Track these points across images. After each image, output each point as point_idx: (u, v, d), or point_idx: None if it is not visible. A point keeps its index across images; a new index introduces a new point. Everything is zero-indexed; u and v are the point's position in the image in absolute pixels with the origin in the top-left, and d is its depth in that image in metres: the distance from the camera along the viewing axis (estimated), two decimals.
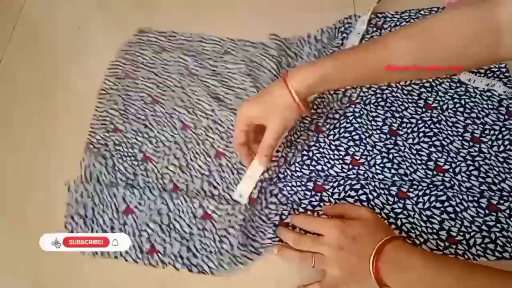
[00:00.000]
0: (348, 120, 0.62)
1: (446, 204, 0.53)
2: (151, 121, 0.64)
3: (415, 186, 0.55)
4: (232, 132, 0.61)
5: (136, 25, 0.76)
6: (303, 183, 0.57)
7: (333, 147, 0.60)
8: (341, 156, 0.59)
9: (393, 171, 0.57)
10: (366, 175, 0.57)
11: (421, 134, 0.59)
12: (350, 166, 0.58)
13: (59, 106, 0.68)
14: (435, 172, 0.56)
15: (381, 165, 0.58)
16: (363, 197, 0.54)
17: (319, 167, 0.59)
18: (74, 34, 0.76)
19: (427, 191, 0.54)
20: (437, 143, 0.58)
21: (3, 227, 0.58)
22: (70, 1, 0.81)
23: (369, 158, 0.58)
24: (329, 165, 0.58)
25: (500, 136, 0.58)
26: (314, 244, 0.50)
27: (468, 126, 0.59)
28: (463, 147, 0.58)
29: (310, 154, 0.60)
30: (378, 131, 0.60)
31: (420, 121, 0.60)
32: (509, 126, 0.59)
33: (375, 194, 0.54)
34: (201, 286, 0.53)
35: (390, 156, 0.58)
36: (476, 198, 0.53)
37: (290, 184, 0.57)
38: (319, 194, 0.56)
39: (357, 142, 0.60)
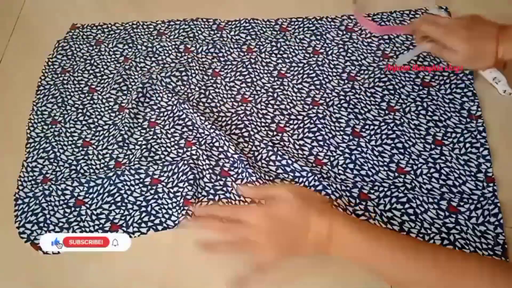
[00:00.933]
0: (311, 121, 0.62)
1: (407, 205, 0.54)
2: (88, 109, 0.68)
3: (376, 188, 0.55)
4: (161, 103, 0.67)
5: None
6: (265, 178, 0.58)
7: (297, 147, 0.61)
8: (305, 156, 0.60)
9: (355, 172, 0.58)
10: (328, 174, 0.58)
11: (383, 136, 0.60)
12: (314, 165, 0.59)
13: None
14: (396, 174, 0.57)
15: (344, 165, 0.58)
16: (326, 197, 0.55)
17: (284, 162, 0.59)
18: None
19: (388, 193, 0.55)
20: (399, 145, 0.59)
21: (3, 227, 0.59)
22: (70, 1, 0.82)
23: (332, 158, 0.59)
24: (294, 159, 0.59)
25: (461, 139, 0.58)
26: (242, 229, 0.47)
27: (430, 129, 0.59)
28: (425, 149, 0.58)
29: (275, 149, 0.60)
30: (341, 132, 0.61)
31: (383, 123, 0.61)
32: (471, 129, 0.58)
33: (337, 195, 0.55)
34: (201, 287, 0.54)
35: (353, 157, 0.59)
36: (436, 200, 0.53)
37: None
38: None
39: (321, 143, 0.60)
